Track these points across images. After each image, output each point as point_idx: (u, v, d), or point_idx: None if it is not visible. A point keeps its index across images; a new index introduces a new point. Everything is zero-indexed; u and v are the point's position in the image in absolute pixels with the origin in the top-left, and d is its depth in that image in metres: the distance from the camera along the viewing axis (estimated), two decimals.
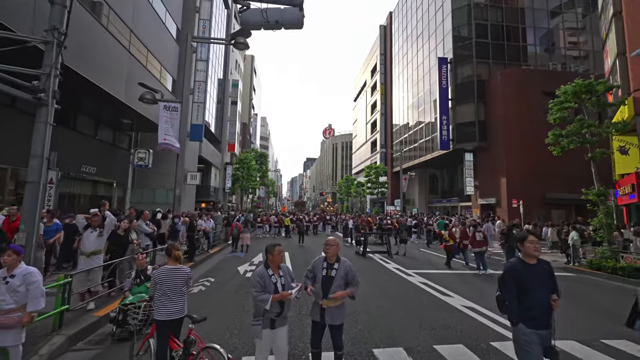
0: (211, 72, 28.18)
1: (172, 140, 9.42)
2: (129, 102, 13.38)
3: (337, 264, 3.33)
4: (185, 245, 10.04)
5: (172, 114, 9.69)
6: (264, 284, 3.06)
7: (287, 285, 3.17)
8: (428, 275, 8.78)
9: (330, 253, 3.33)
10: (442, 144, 26.96)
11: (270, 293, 3.02)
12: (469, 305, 6.03)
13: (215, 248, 13.42)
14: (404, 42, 39.39)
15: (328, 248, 3.33)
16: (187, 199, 22.80)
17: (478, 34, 26.59)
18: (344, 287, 3.27)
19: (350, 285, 3.29)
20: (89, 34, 10.39)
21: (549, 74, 24.88)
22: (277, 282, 3.13)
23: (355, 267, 9.05)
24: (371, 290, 7.15)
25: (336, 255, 3.37)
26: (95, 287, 5.40)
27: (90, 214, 5.74)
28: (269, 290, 3.04)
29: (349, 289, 3.25)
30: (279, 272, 3.20)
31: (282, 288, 3.11)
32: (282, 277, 3.19)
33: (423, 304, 6.09)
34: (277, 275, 3.18)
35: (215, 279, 8.23)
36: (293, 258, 11.73)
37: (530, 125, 22.73)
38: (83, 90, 11.80)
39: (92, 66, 10.64)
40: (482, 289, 7.52)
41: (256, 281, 3.08)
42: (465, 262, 10.73)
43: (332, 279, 3.27)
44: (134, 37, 14.29)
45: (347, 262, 3.37)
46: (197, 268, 9.62)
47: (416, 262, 11.43)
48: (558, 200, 22.14)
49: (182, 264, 3.62)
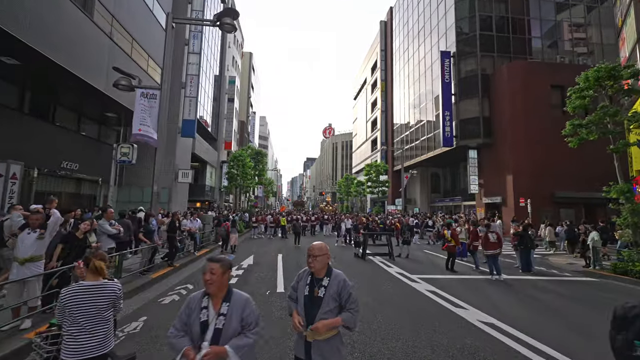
0: (206, 67, 27.23)
1: (149, 132, 8.44)
2: (109, 93, 12.44)
3: (327, 279, 2.33)
4: (165, 247, 9.07)
5: (151, 101, 8.71)
6: (187, 319, 2.01)
7: (227, 331, 1.94)
8: (435, 282, 7.79)
9: (317, 266, 2.32)
10: (445, 140, 25.94)
11: (193, 336, 1.95)
12: (488, 321, 5.04)
13: (203, 250, 12.45)
14: (405, 38, 38.39)
15: (312, 260, 2.33)
16: (179, 198, 21.84)
17: (482, 27, 25.58)
18: (337, 312, 2.25)
19: (344, 310, 2.26)
20: (58, 13, 9.41)
21: (557, 67, 23.85)
22: (210, 320, 1.96)
23: (354, 272, 7.68)
24: (371, 301, 6.16)
25: (326, 266, 2.37)
26: (34, 302, 4.42)
27: (31, 210, 4.75)
28: (192, 330, 1.96)
29: (341, 316, 2.23)
30: (219, 306, 2.00)
31: (214, 335, 1.92)
32: (223, 315, 1.98)
33: (433, 320, 5.10)
34: (214, 309, 2.00)
35: (194, 286, 7.25)
36: (286, 261, 10.74)
37: (538, 120, 21.76)
38: (58, 79, 10.85)
39: (65, 50, 9.68)
40: (500, 300, 6.52)
41: (180, 311, 2.06)
42: (475, 266, 9.74)
43: (320, 300, 2.26)
44: (117, 24, 13.34)
45: (340, 275, 2.36)
46: (178, 273, 8.65)
47: (420, 265, 10.44)
48: (567, 199, 21.13)
49: (169, 268, 2.61)
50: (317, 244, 2.40)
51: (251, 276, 8.36)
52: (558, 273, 9.79)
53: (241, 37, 46.64)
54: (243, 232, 21.53)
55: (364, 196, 45.35)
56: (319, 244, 2.39)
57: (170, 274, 8.40)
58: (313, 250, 2.34)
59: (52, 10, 9.14)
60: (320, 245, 2.37)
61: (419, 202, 36.21)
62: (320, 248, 2.35)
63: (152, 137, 8.46)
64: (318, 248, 2.35)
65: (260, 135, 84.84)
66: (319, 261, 2.32)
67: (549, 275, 9.43)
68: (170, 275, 8.32)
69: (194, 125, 20.54)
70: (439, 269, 9.67)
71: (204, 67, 26.49)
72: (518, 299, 6.61)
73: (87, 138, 16.06)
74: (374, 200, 45.17)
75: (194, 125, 20.48)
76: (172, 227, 8.73)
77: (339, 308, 2.27)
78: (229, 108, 37.35)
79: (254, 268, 9.47)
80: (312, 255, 2.33)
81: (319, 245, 2.38)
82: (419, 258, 12.00)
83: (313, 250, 2.34)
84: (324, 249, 2.36)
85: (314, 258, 2.32)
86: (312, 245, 2.38)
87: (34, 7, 8.39)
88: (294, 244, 15.21)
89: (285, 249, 13.88)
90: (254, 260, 10.88)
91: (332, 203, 54.09)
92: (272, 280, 7.91)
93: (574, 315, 5.66)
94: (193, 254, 11.02)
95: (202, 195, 28.98)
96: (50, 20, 8.99)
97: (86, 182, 16.10)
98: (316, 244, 2.40)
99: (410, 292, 6.80)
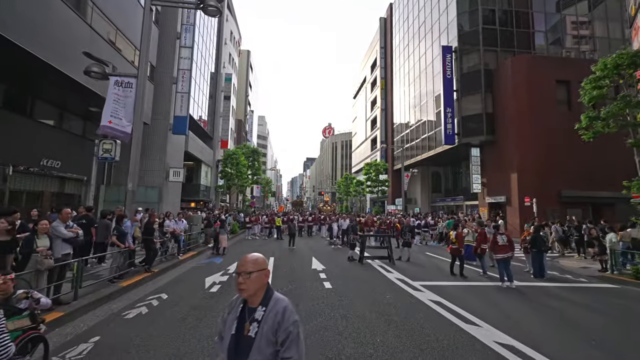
0: (201, 63, 26.43)
1: (120, 125, 7.61)
2: (89, 85, 11.65)
3: (263, 309, 1.55)
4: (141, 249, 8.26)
5: (126, 91, 7.89)
6: (222, 326, 1.64)
7: (260, 342, 1.49)
8: (440, 290, 6.96)
9: (250, 288, 1.54)
10: (447, 138, 25.10)
11: (224, 346, 1.55)
12: (506, 342, 4.22)
13: (190, 253, 11.63)
14: (405, 34, 37.56)
15: (243, 280, 1.54)
16: (172, 198, 21.03)
17: (485, 21, 24.75)
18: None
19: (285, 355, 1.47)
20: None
21: (563, 61, 23.01)
22: (248, 324, 1.53)
23: (349, 277, 6.65)
24: (368, 314, 5.34)
25: (263, 289, 1.59)
26: None
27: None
28: (226, 338, 1.56)
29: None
30: (254, 310, 1.56)
31: (244, 344, 1.50)
32: (257, 322, 1.52)
33: (442, 341, 4.27)
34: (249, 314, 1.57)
35: (168, 296, 6.43)
36: (277, 265, 9.91)
37: (544, 116, 20.93)
38: (32, 68, 10.06)
39: (35, 35, 8.88)
40: (516, 313, 5.69)
41: (220, 318, 1.69)
42: (483, 271, 8.91)
43: (251, 341, 1.49)
44: (97, 10, 12.52)
45: (281, 303, 1.57)
46: (155, 279, 7.82)
47: (423, 270, 9.61)
48: (574, 199, 20.29)
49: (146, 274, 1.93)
50: (251, 255, 1.62)
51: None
52: (573, 279, 8.97)
53: (238, 35, 45.83)
54: (238, 233, 20.72)
55: (363, 196, 44.54)
56: (254, 256, 1.62)
57: (147, 280, 7.58)
58: (245, 264, 1.56)
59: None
60: (255, 258, 1.60)
61: (420, 201, 35.38)
62: (256, 261, 1.58)
63: (124, 131, 7.63)
64: (252, 261, 1.58)
65: (260, 135, 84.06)
66: (253, 281, 1.53)
67: (563, 281, 8.61)
68: (146, 282, 7.50)
69: (186, 121, 19.72)
70: (443, 275, 8.85)
71: (199, 64, 25.70)
72: (536, 311, 5.79)
73: (71, 134, 15.25)
74: (373, 200, 44.34)
75: (185, 121, 19.65)
76: (149, 229, 7.91)
77: (275, 355, 1.48)
78: (226, 106, 36.51)
79: None
80: (242, 273, 1.54)
81: (253, 257, 1.61)
82: (421, 261, 11.17)
83: (245, 265, 1.56)
84: (260, 263, 1.59)
85: (245, 276, 1.53)
86: (245, 258, 1.60)
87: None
88: (288, 246, 14.39)
89: (278, 252, 13.06)
90: None
91: (331, 203, 53.25)
92: None
93: (605, 332, 4.84)
94: (177, 257, 10.19)
95: (197, 195, 28.18)
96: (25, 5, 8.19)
97: (70, 181, 15.31)
98: (251, 255, 1.62)
99: (413, 304, 5.98)
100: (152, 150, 19.38)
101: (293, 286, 7.22)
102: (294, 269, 9.32)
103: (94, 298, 5.77)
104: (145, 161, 19.13)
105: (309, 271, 9.04)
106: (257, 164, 36.37)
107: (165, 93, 19.94)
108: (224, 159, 29.03)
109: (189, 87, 20.00)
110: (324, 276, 8.32)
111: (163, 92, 19.83)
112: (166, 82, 19.97)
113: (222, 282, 7.59)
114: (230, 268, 9.30)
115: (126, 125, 7.73)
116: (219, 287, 7.18)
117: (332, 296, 6.42)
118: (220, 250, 11.86)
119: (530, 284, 8.06)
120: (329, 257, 11.88)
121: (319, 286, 7.25)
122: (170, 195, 20.63)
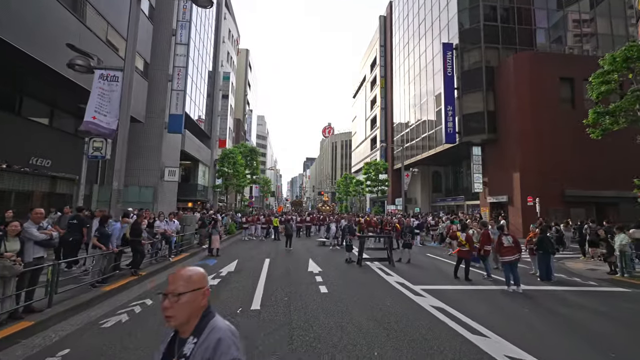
0: (198, 61, 26.04)
1: (105, 121, 7.19)
2: (78, 81, 11.24)
3: (194, 340, 1.15)
4: None
5: (111, 85, 7.49)
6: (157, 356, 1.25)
7: None
8: (443, 295, 6.56)
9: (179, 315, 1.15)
10: (448, 137, 24.69)
11: None
12: (518, 357, 3.82)
13: (183, 254, 11.22)
14: (405, 32, 37.15)
15: (169, 304, 1.14)
16: (167, 198, 20.65)
17: (486, 17, 24.35)
18: None
19: None
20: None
21: (566, 58, 22.58)
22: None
23: (347, 280, 6.29)
24: (365, 322, 4.94)
25: (197, 315, 1.19)
26: None
27: None
28: None
29: None
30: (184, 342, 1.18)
31: None
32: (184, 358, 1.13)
33: (446, 354, 3.87)
34: None
35: (153, 301, 6.03)
36: (272, 268, 9.51)
37: (547, 114, 20.54)
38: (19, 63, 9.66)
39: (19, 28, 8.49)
40: (526, 321, 5.29)
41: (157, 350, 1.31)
42: (487, 274, 8.50)
43: None
44: (89, 5, 12.13)
45: (216, 333, 1.15)
46: (142, 284, 7.42)
47: (424, 272, 9.21)
48: (578, 198, 19.87)
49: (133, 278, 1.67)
50: (185, 271, 1.21)
51: (227, 287, 7.15)
52: (581, 282, 8.56)
53: (237, 33, 45.43)
54: (235, 234, 20.33)
55: (363, 196, 44.12)
56: (187, 272, 1.21)
57: (132, 284, 7.18)
58: (174, 282, 1.17)
59: None
60: (188, 274, 1.19)
61: (420, 201, 34.97)
62: (189, 278, 1.18)
63: (109, 128, 7.21)
64: (185, 278, 1.18)
65: (259, 134, 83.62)
66: (183, 305, 1.14)
67: (572, 284, 8.20)
68: (132, 286, 7.10)
69: (182, 120, 19.27)
70: (445, 278, 8.45)
71: (196, 62, 25.31)
72: (546, 319, 5.39)
73: (62, 133, 14.87)
74: (373, 200, 43.95)
75: (181, 120, 19.20)
76: (136, 230, 7.51)
77: None
78: (224, 105, 36.14)
79: (233, 277, 8.25)
80: (169, 293, 1.15)
81: (187, 273, 1.20)
82: (422, 263, 10.77)
83: (174, 283, 1.17)
84: (195, 280, 1.18)
85: (173, 299, 1.14)
86: (175, 274, 1.21)
87: None
88: (285, 247, 13.98)
89: (274, 253, 12.66)
90: (236, 266, 9.66)
91: (330, 203, 52.83)
92: (250, 292, 6.69)
93: (622, 342, 4.44)
94: (168, 259, 9.79)
95: (194, 194, 27.79)
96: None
97: (62, 180, 14.93)
98: (184, 270, 1.21)
99: (414, 311, 5.57)
100: (146, 149, 19.00)
101: (286, 290, 6.82)
102: (289, 271, 8.92)
103: (71, 304, 5.37)
104: (139, 160, 18.75)
105: (305, 274, 8.64)
106: (256, 163, 35.95)
107: (160, 91, 19.56)
108: (221, 158, 28.60)
109: (184, 85, 19.56)
110: (320, 279, 7.92)
111: (158, 90, 19.45)
112: (161, 80, 19.58)
113: (212, 286, 7.17)
114: (223, 271, 8.90)
115: (111, 121, 7.32)
116: None
117: (327, 302, 6.02)
118: (213, 251, 11.47)
119: (537, 287, 7.65)
120: (327, 258, 11.48)
121: (314, 290, 6.85)
122: (166, 195, 20.25)
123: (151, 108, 18.75)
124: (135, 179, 18.71)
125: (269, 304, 5.85)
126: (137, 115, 15.96)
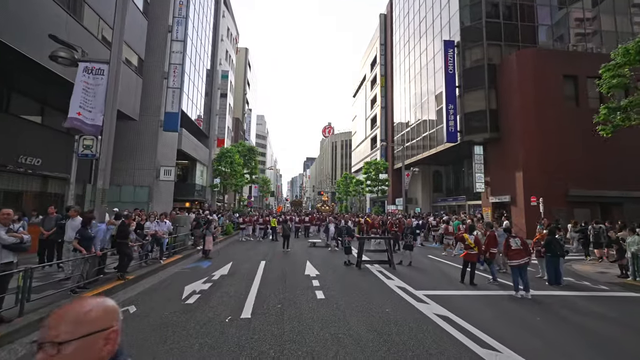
0: (195, 59, 25.62)
1: (90, 117, 6.80)
2: (66, 76, 10.83)
3: None
4: None
5: (97, 79, 7.09)
6: None
7: None
8: (447, 301, 6.15)
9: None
10: (449, 136, 24.27)
11: None
12: None
13: (175, 256, 10.81)
14: (405, 30, 36.72)
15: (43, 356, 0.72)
16: (163, 197, 20.22)
17: (488, 14, 23.93)
18: None
19: None
20: None
21: (570, 56, 22.13)
22: None
23: (345, 285, 5.82)
24: (364, 333, 4.53)
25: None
26: None
27: None
28: None
29: None
30: None
31: None
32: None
33: None
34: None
35: (138, 308, 5.63)
36: (268, 270, 9.09)
37: (550, 112, 20.11)
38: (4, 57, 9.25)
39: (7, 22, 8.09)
40: (538, 332, 4.87)
41: None
42: (493, 277, 8.09)
43: None
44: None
45: None
46: (128, 289, 7.00)
47: (426, 276, 8.80)
48: (582, 198, 19.44)
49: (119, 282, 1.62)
50: (74, 306, 0.83)
51: (218, 292, 6.73)
52: (591, 286, 8.15)
53: (236, 32, 45.01)
54: (232, 234, 19.93)
55: (363, 196, 43.72)
56: (79, 307, 0.82)
57: (118, 289, 6.77)
58: (55, 325, 0.78)
59: None
60: (76, 313, 0.80)
61: (421, 201, 34.55)
62: (80, 318, 0.79)
63: (94, 124, 6.82)
64: (71, 320, 0.79)
65: (259, 134, 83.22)
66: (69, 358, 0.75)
67: (582, 289, 7.79)
68: (117, 291, 6.69)
69: (178, 118, 18.90)
70: (447, 282, 8.04)
71: (193, 60, 24.89)
72: (559, 328, 4.98)
73: (53, 131, 14.43)
74: (373, 200, 43.53)
75: (177, 118, 18.84)
76: (123, 232, 7.10)
77: None
78: (222, 104, 35.73)
79: (225, 280, 7.84)
80: (47, 343, 0.76)
81: (75, 312, 0.81)
82: (424, 266, 10.35)
83: (55, 326, 0.78)
84: (89, 321, 0.80)
85: (51, 350, 0.75)
86: (57, 313, 0.81)
87: None
88: (282, 248, 13.57)
89: (271, 254, 12.25)
90: (230, 269, 9.25)
91: (330, 203, 52.42)
92: (241, 298, 6.28)
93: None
94: (159, 262, 9.39)
95: (192, 194, 27.38)
96: None
97: (53, 179, 14.51)
98: (70, 307, 0.82)
99: (417, 320, 5.16)
100: (141, 148, 18.59)
101: (281, 297, 6.41)
102: (285, 275, 8.51)
103: (47, 313, 4.96)
104: (134, 159, 18.35)
105: (301, 277, 8.23)
106: (254, 162, 35.52)
107: (155, 88, 19.14)
108: (218, 156, 28.18)
109: (181, 83, 19.17)
110: (317, 284, 7.51)
111: (153, 87, 19.03)
112: (156, 77, 19.17)
113: (203, 291, 6.77)
114: (216, 274, 8.49)
115: (97, 117, 6.92)
116: (198, 297, 6.36)
117: (323, 309, 5.61)
118: (206, 252, 11.07)
119: (546, 292, 7.24)
120: (325, 261, 11.06)
121: (310, 296, 6.44)
122: (162, 195, 19.83)
123: (146, 105, 18.33)
124: (130, 178, 18.30)
125: (260, 311, 5.44)
126: (131, 113, 15.54)
